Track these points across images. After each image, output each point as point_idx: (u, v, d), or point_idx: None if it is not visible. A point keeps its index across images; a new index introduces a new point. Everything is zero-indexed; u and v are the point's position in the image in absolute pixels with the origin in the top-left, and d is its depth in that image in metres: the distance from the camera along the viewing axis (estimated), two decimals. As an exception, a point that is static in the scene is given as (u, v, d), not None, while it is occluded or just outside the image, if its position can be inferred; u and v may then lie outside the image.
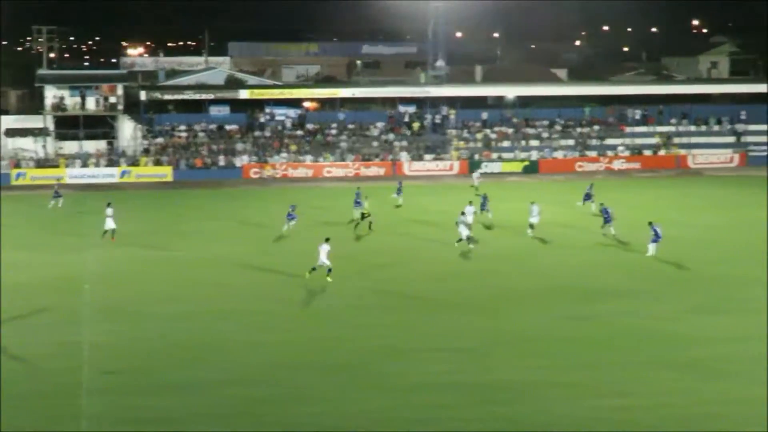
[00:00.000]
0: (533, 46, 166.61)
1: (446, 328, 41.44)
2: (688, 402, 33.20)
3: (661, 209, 66.31)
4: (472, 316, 43.22)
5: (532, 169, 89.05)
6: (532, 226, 58.73)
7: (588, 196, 67.21)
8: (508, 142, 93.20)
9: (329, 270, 47.64)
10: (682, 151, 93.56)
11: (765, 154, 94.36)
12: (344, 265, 50.26)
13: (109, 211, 58.51)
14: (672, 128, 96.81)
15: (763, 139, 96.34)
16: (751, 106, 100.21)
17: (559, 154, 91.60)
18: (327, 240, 48.48)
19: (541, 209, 59.30)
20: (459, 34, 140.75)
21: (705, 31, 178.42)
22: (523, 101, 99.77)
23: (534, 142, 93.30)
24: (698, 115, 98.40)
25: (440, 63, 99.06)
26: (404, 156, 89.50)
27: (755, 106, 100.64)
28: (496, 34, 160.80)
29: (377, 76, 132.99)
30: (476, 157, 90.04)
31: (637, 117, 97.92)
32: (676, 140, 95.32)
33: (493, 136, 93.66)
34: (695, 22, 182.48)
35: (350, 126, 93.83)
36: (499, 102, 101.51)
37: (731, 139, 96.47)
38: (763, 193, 76.94)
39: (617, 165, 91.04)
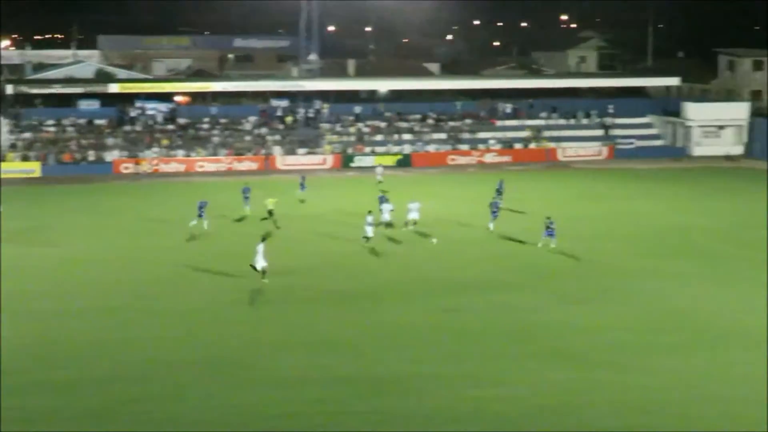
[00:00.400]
0: (405, 41, 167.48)
1: (324, 322, 41.56)
2: (560, 390, 33.90)
3: (532, 202, 67.34)
4: (350, 309, 43.43)
5: (404, 162, 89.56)
6: (413, 222, 58.90)
7: (499, 192, 67.29)
8: (381, 136, 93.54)
9: (264, 271, 46.54)
10: (552, 144, 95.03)
11: (632, 146, 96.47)
12: (229, 262, 50.24)
13: None
14: (542, 122, 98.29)
15: (630, 132, 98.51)
16: (619, 100, 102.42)
17: (431, 148, 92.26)
18: (263, 239, 47.86)
19: (420, 206, 59.57)
20: (331, 28, 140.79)
21: (573, 26, 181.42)
22: (396, 95, 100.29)
23: (407, 136, 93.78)
24: (567, 108, 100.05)
25: (313, 57, 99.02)
26: (277, 150, 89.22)
27: (622, 99, 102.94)
28: (368, 28, 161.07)
29: (249, 70, 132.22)
30: (349, 151, 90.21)
31: (508, 111, 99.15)
32: (546, 133, 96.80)
33: (366, 130, 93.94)
34: (564, 18, 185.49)
35: (222, 120, 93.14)
36: (371, 96, 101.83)
37: (599, 133, 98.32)
38: (630, 184, 78.88)
39: (489, 158, 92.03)
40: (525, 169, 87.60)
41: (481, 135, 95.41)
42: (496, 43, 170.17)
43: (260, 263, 45.95)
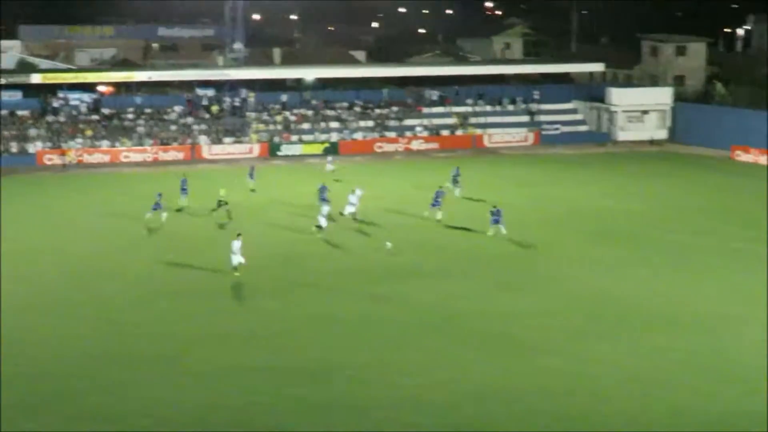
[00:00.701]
0: (331, 29, 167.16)
1: (254, 313, 41.49)
2: (492, 376, 34.22)
3: (461, 188, 67.56)
4: (283, 300, 43.37)
5: (332, 150, 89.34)
6: (349, 214, 58.57)
7: (455, 180, 67.28)
8: (308, 125, 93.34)
9: (237, 265, 46.14)
10: (479, 131, 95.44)
11: (558, 132, 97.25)
12: (163, 253, 50.08)
13: None
14: (468, 108, 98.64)
15: (556, 118, 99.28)
16: (544, 86, 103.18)
17: (358, 136, 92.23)
18: (239, 235, 47.08)
19: (362, 194, 59.42)
20: (256, 17, 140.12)
21: (498, 13, 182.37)
22: (322, 83, 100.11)
23: (334, 124, 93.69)
24: (493, 95, 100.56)
25: (238, 46, 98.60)
26: (203, 140, 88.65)
27: (548, 86, 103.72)
28: (294, 17, 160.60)
29: (174, 59, 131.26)
30: (276, 139, 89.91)
31: (434, 98, 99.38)
32: (473, 120, 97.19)
33: (293, 118, 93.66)
34: (489, 5, 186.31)
35: (147, 110, 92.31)
36: (298, 84, 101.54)
37: (525, 119, 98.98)
38: (557, 170, 79.48)
39: (416, 145, 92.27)
40: (452, 156, 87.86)
41: (408, 122, 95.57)
42: (422, 31, 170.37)
43: (236, 259, 45.75)
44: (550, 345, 37.42)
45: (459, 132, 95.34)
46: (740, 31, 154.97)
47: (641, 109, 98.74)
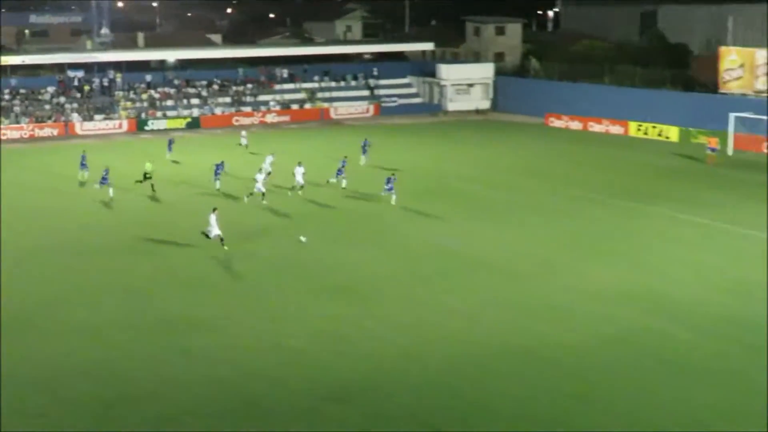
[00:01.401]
0: (189, 14, 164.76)
1: (117, 271, 41.01)
2: (338, 323, 34.69)
3: (310, 156, 67.71)
4: (137, 258, 42.99)
5: (194, 124, 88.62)
6: (300, 187, 56.24)
7: (364, 150, 66.61)
8: (172, 101, 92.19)
9: (222, 239, 43.31)
10: (325, 105, 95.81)
11: (395, 104, 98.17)
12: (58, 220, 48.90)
13: None
14: (315, 85, 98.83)
15: (393, 91, 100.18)
16: (382, 64, 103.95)
17: (218, 111, 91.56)
18: (215, 210, 43.89)
19: (273, 160, 58.49)
20: (120, 4, 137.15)
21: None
22: (183, 64, 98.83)
23: (195, 101, 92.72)
24: (337, 72, 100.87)
25: (105, 31, 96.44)
26: (76, 117, 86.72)
27: (385, 63, 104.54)
28: (155, 3, 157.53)
29: (46, 44, 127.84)
30: (143, 116, 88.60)
31: (285, 76, 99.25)
32: (320, 95, 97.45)
33: (157, 96, 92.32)
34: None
35: (22, 91, 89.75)
36: (161, 65, 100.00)
37: (366, 93, 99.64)
38: (395, 137, 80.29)
39: (270, 118, 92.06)
40: (302, 127, 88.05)
41: (262, 98, 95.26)
42: (272, 15, 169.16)
43: (214, 232, 43.01)
44: (386, 291, 38.04)
45: (308, 106, 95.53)
46: (551, 13, 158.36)
47: (467, 83, 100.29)
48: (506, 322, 34.34)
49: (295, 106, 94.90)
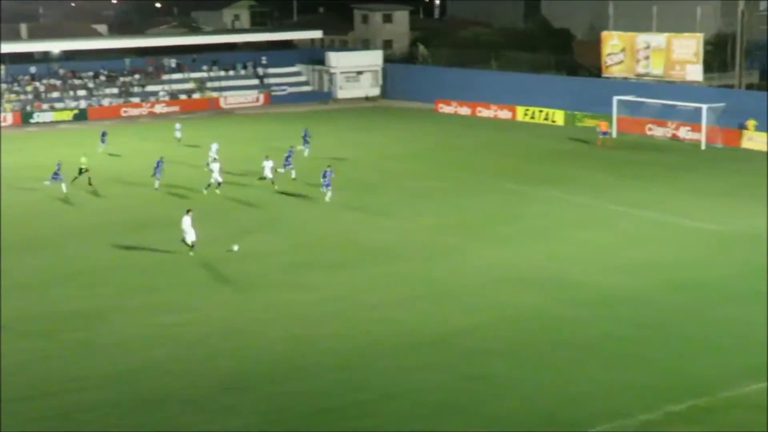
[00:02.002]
0: (73, 5, 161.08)
1: (9, 267, 39.99)
2: (235, 311, 34.37)
3: (203, 145, 66.89)
4: (33, 253, 42.00)
5: (81, 116, 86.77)
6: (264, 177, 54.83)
7: (305, 140, 65.28)
8: (58, 93, 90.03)
9: (191, 243, 40.96)
10: (215, 94, 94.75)
11: (285, 93, 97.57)
12: None
13: None
14: (204, 74, 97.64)
15: (283, 80, 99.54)
16: (271, 52, 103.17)
17: (105, 102, 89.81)
18: (189, 211, 41.49)
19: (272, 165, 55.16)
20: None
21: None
22: (69, 55, 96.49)
23: (82, 92, 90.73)
24: (226, 61, 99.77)
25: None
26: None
27: (274, 52, 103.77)
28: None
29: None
30: (28, 108, 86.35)
31: (173, 65, 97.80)
32: (209, 84, 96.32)
33: (43, 88, 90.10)
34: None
35: None
36: (46, 56, 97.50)
37: (256, 82, 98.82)
38: (285, 126, 79.74)
39: (159, 109, 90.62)
40: (192, 117, 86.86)
41: (150, 88, 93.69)
42: (158, 5, 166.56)
43: (189, 236, 40.58)
44: (286, 278, 37.83)
45: (197, 95, 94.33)
46: (437, 1, 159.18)
47: (357, 70, 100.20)
48: (404, 308, 34.34)
49: (183, 96, 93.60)
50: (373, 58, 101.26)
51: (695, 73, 73.97)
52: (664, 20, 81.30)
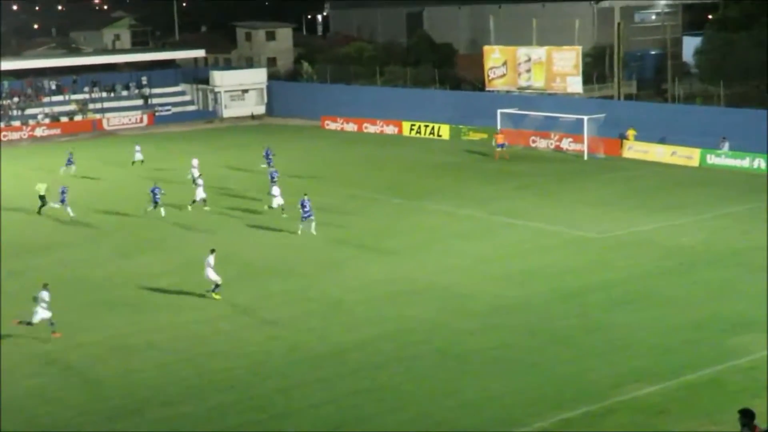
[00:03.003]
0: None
1: None
2: (122, 334, 33.68)
3: (83, 167, 65.65)
4: None
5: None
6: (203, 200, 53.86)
7: (267, 159, 64.29)
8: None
9: (217, 288, 37.53)
10: (98, 116, 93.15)
11: (169, 113, 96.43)
12: None
13: None
14: (86, 95, 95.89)
15: (166, 100, 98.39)
16: (153, 72, 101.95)
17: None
18: (212, 251, 37.87)
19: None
20: None
21: (106, 7, 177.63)
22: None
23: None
24: (108, 82, 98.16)
25: None
26: None
27: (157, 71, 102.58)
28: None
29: None
30: None
31: (53, 87, 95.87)
32: (91, 106, 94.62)
33: None
34: (97, 0, 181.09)
35: None
36: None
37: (140, 102, 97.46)
38: (170, 146, 78.80)
39: (39, 132, 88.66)
40: (74, 139, 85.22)
41: (30, 111, 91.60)
42: (36, 26, 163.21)
43: (213, 276, 37.27)
44: (175, 300, 37.26)
45: (78, 117, 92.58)
46: (320, 17, 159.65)
47: (241, 89, 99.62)
48: (296, 324, 34.15)
49: (65, 119, 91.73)
50: (258, 76, 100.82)
51: (575, 85, 75.54)
52: (543, 33, 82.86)
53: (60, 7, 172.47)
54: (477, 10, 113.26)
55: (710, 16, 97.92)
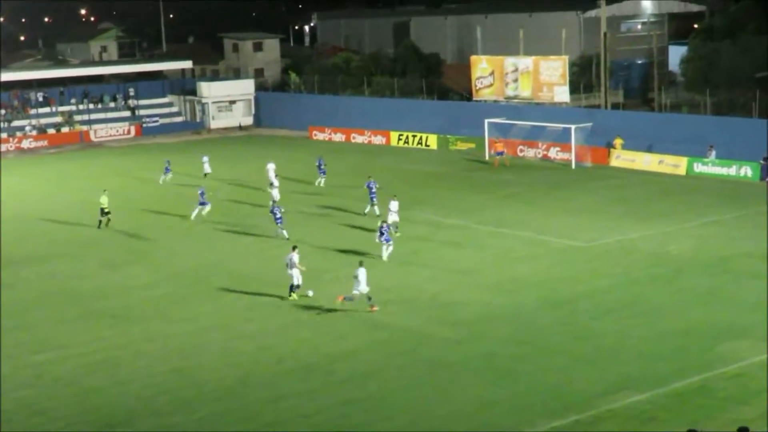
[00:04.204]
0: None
1: None
2: (112, 346, 33.61)
3: (68, 179, 65.62)
4: None
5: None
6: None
7: (321, 169, 63.29)
8: None
9: (295, 288, 38.12)
10: (85, 127, 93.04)
11: (157, 124, 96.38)
12: None
13: None
14: (73, 107, 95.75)
15: (154, 111, 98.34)
16: (141, 83, 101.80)
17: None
18: (294, 248, 38.69)
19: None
20: None
21: (93, 18, 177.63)
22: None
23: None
24: (95, 93, 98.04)
25: None
26: None
27: (144, 82, 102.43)
28: None
29: None
30: None
31: (40, 99, 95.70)
32: (78, 117, 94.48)
33: None
34: (83, 11, 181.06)
35: None
36: None
37: (127, 114, 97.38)
38: (157, 157, 78.59)
39: (26, 144, 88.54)
40: (61, 151, 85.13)
41: (17, 123, 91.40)
42: (22, 38, 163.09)
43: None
44: (162, 311, 37.22)
45: (65, 129, 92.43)
46: (307, 28, 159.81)
47: (229, 100, 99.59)
48: (282, 335, 34.15)
49: (52, 130, 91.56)
50: (245, 87, 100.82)
51: (562, 94, 75.80)
52: (530, 43, 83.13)
53: (46, 19, 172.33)
54: (464, 21, 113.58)
55: (696, 26, 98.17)
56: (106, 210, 52.02)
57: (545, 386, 28.63)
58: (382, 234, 43.07)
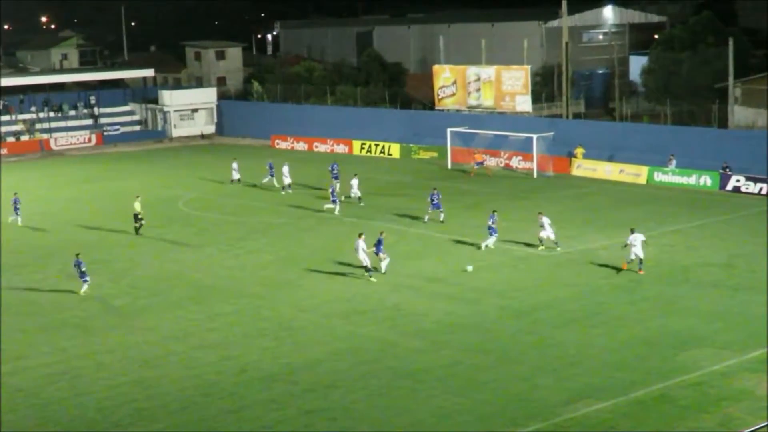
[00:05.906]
0: None
1: None
2: (70, 356, 33.31)
3: (29, 188, 65.07)
4: None
5: None
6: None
7: (334, 175, 62.26)
8: None
9: (370, 270, 41.56)
10: (45, 136, 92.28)
11: (118, 132, 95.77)
12: None
13: None
14: (33, 116, 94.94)
15: (115, 119, 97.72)
16: (102, 92, 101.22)
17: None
18: (360, 235, 41.93)
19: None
20: None
21: (54, 26, 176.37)
22: None
23: None
24: (55, 101, 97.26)
25: None
26: None
27: (105, 91, 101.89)
28: None
29: None
30: None
31: (0, 107, 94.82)
32: (39, 126, 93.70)
33: None
34: (44, 19, 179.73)
35: None
36: None
37: (88, 122, 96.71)
38: (119, 165, 78.26)
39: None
40: (20, 160, 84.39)
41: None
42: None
43: (365, 260, 41.33)
44: (122, 321, 36.96)
45: (25, 138, 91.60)
46: (269, 36, 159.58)
47: (191, 108, 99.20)
48: (245, 345, 34.00)
49: (11, 139, 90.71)
50: (207, 96, 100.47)
51: (524, 103, 76.22)
52: (492, 53, 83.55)
53: (6, 26, 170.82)
54: (427, 30, 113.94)
55: (656, 36, 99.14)
56: (140, 216, 51.93)
57: (508, 395, 28.70)
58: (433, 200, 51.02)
